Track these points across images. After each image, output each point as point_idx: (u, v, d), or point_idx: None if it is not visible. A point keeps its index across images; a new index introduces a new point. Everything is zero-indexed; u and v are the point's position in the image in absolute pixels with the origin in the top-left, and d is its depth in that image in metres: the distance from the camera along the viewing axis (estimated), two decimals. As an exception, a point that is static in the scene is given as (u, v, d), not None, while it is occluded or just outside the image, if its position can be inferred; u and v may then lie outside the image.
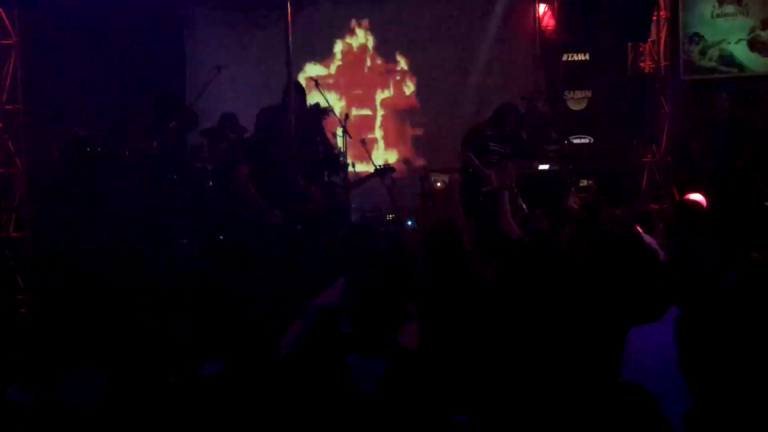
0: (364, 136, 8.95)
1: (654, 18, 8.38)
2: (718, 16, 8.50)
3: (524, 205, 5.61)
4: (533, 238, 3.74)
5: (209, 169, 7.08)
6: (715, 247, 2.63)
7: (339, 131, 7.98)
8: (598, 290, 3.22)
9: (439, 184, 8.08)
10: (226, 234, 5.52)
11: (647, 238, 4.20)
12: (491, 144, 6.44)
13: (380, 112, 9.54)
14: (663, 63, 8.51)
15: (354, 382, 2.21)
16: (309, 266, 4.74)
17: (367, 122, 9.47)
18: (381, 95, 9.54)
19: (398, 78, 9.47)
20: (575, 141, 7.75)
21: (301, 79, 9.26)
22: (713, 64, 8.53)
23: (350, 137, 7.96)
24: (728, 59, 8.50)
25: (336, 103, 9.06)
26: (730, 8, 8.46)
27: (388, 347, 2.28)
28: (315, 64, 9.36)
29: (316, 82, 8.25)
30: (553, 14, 8.70)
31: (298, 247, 4.97)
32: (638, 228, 4.25)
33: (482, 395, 2.57)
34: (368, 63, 9.49)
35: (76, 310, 2.25)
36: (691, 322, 2.14)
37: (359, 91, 9.50)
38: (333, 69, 9.46)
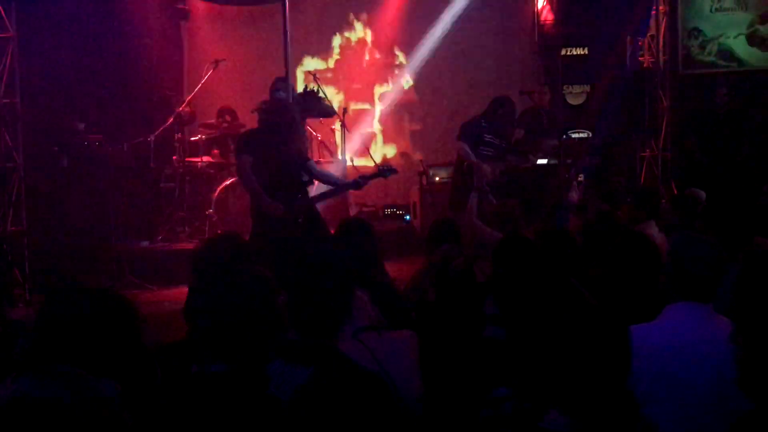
0: (362, 130, 8.98)
1: (653, 12, 8.38)
2: (716, 10, 8.49)
3: (493, 199, 5.65)
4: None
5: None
6: (716, 244, 2.62)
7: (337, 125, 7.99)
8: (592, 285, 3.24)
9: (437, 179, 8.08)
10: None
11: (655, 233, 4.18)
12: (486, 136, 6.43)
13: (379, 107, 9.53)
14: (662, 57, 8.51)
15: (272, 388, 2.10)
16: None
17: (366, 116, 9.46)
18: (379, 89, 9.52)
19: (396, 72, 9.46)
20: (574, 135, 7.74)
21: (300, 72, 9.27)
22: (712, 58, 8.53)
23: (348, 131, 7.97)
24: (727, 54, 8.49)
25: (334, 96, 9.05)
26: (728, 3, 8.46)
27: (317, 354, 2.14)
28: (313, 58, 9.35)
29: (315, 76, 8.26)
30: (551, 8, 8.68)
31: (299, 239, 4.97)
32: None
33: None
34: (366, 57, 9.47)
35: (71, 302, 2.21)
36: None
37: (358, 85, 9.49)
38: (331, 63, 9.45)
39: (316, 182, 5.52)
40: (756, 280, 2.15)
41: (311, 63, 9.27)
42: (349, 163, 8.00)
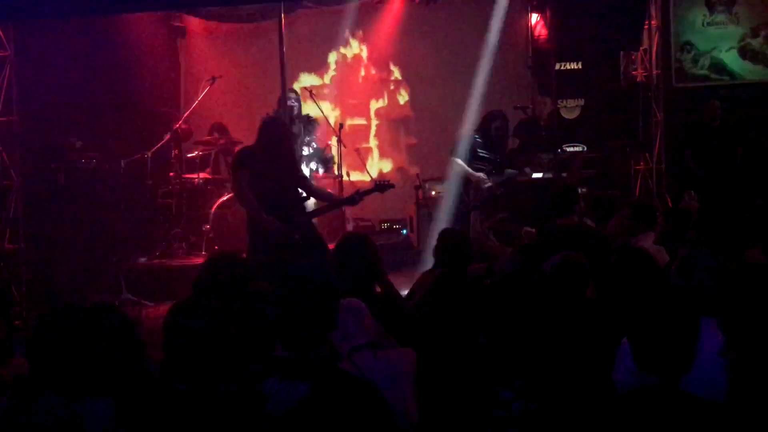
0: (359, 146, 9.02)
1: (645, 27, 8.45)
2: (708, 24, 8.58)
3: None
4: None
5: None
6: (720, 257, 2.64)
7: (334, 141, 8.03)
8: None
9: (433, 193, 8.11)
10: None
11: (650, 245, 4.21)
12: (480, 151, 6.48)
13: (374, 122, 9.57)
14: (655, 71, 8.57)
15: (270, 406, 2.08)
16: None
17: (362, 132, 9.50)
18: (375, 105, 9.57)
19: (392, 88, 9.51)
20: (568, 149, 7.79)
21: (296, 89, 9.31)
22: (705, 72, 8.60)
23: (345, 147, 8.01)
24: (719, 67, 8.57)
25: (331, 113, 9.09)
26: (720, 17, 8.55)
27: (314, 368, 2.14)
28: (310, 74, 9.40)
29: (311, 93, 8.31)
30: (545, 24, 8.76)
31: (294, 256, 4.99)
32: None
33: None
34: (362, 73, 9.53)
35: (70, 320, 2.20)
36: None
37: (354, 101, 9.53)
38: (328, 79, 9.50)
39: (312, 198, 5.56)
40: (748, 293, 2.16)
41: (307, 79, 9.32)
42: (345, 177, 8.03)
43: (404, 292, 4.33)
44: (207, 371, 2.22)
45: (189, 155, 8.01)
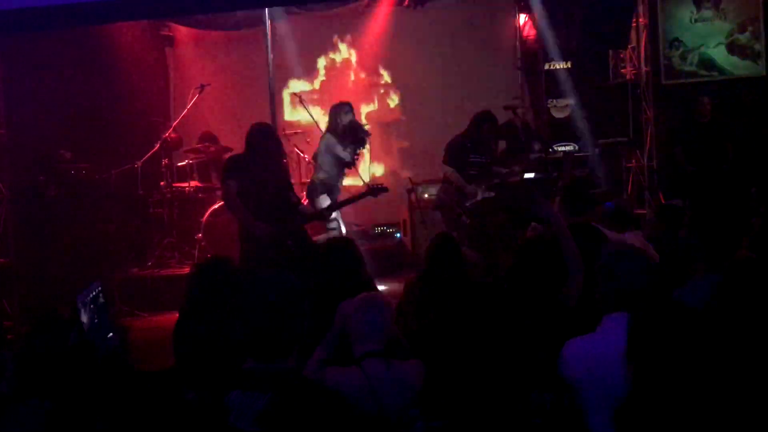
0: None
1: (633, 25, 8.47)
2: (696, 21, 8.60)
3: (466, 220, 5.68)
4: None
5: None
6: (652, 257, 2.64)
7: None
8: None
9: (426, 196, 8.10)
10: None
11: (631, 237, 4.20)
12: (471, 156, 6.46)
13: (365, 126, 9.54)
14: (644, 69, 8.59)
15: (232, 419, 2.04)
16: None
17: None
18: (366, 109, 9.56)
19: (382, 91, 9.50)
20: (559, 148, 7.79)
21: (286, 95, 9.31)
22: (694, 68, 8.62)
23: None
24: (708, 63, 8.59)
25: (321, 118, 9.06)
26: (707, 13, 8.57)
27: (276, 379, 2.10)
28: (299, 80, 9.38)
29: (300, 98, 8.30)
30: (533, 24, 8.77)
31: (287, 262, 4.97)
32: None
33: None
34: (352, 77, 9.52)
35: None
36: (641, 332, 2.10)
37: (344, 106, 9.51)
38: (317, 84, 9.49)
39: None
40: (739, 288, 2.16)
41: (297, 85, 9.30)
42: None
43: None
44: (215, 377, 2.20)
45: (179, 164, 7.98)
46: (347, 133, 6.28)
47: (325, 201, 6.16)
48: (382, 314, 2.86)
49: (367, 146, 9.62)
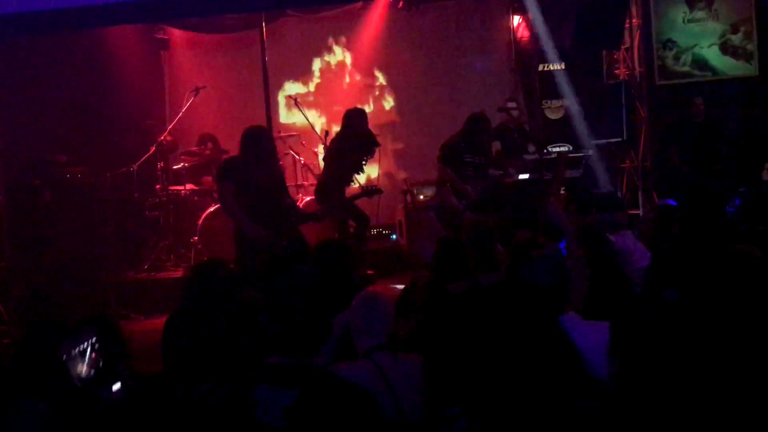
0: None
1: (626, 25, 8.50)
2: (689, 21, 8.65)
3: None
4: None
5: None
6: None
7: (320, 148, 8.03)
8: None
9: (421, 197, 8.12)
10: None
11: (630, 244, 4.23)
12: (466, 156, 6.49)
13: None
14: (637, 69, 8.63)
15: (259, 414, 2.06)
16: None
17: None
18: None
19: (377, 93, 9.52)
20: (554, 149, 7.82)
21: (281, 97, 9.32)
22: (687, 68, 8.67)
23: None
24: (701, 63, 8.64)
25: (316, 120, 9.10)
26: (700, 14, 8.62)
27: (303, 374, 2.11)
28: (294, 82, 9.40)
29: (296, 100, 8.31)
30: (527, 26, 8.80)
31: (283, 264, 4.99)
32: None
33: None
34: (347, 79, 9.54)
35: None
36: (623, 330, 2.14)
37: (339, 108, 9.53)
38: (312, 87, 9.50)
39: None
40: (733, 278, 2.18)
41: (292, 87, 9.32)
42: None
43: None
44: (204, 377, 2.21)
45: (175, 167, 7.99)
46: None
47: None
48: (386, 309, 2.90)
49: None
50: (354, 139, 6.44)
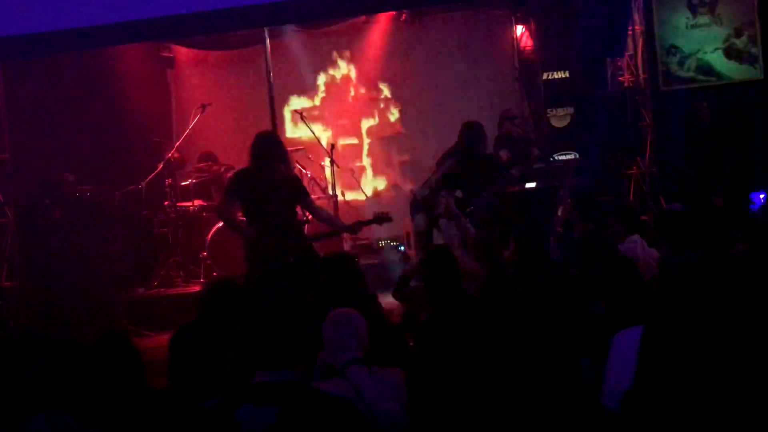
0: (352, 165, 9.06)
1: (629, 32, 8.51)
2: (692, 27, 8.65)
3: (470, 227, 5.68)
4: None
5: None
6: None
7: (327, 161, 8.06)
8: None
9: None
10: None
11: (639, 251, 4.22)
12: (459, 177, 6.48)
13: (366, 141, 9.61)
14: (642, 76, 8.62)
15: None
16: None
17: (355, 151, 9.55)
18: (366, 124, 9.62)
19: (382, 106, 9.56)
20: (560, 158, 7.82)
21: (287, 112, 9.37)
22: (691, 74, 8.65)
23: (338, 166, 8.04)
24: (706, 68, 8.62)
25: (322, 134, 9.14)
26: (704, 19, 8.61)
27: (284, 391, 2.08)
28: (300, 97, 9.46)
29: (302, 115, 8.36)
30: (530, 35, 8.83)
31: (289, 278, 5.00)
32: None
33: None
34: (352, 93, 9.59)
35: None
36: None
37: (345, 121, 9.58)
38: (317, 101, 9.55)
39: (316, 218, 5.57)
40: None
41: (298, 102, 9.38)
42: (340, 197, 8.05)
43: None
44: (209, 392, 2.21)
45: (183, 183, 8.03)
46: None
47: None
48: (353, 323, 2.91)
49: (368, 160, 9.72)
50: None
